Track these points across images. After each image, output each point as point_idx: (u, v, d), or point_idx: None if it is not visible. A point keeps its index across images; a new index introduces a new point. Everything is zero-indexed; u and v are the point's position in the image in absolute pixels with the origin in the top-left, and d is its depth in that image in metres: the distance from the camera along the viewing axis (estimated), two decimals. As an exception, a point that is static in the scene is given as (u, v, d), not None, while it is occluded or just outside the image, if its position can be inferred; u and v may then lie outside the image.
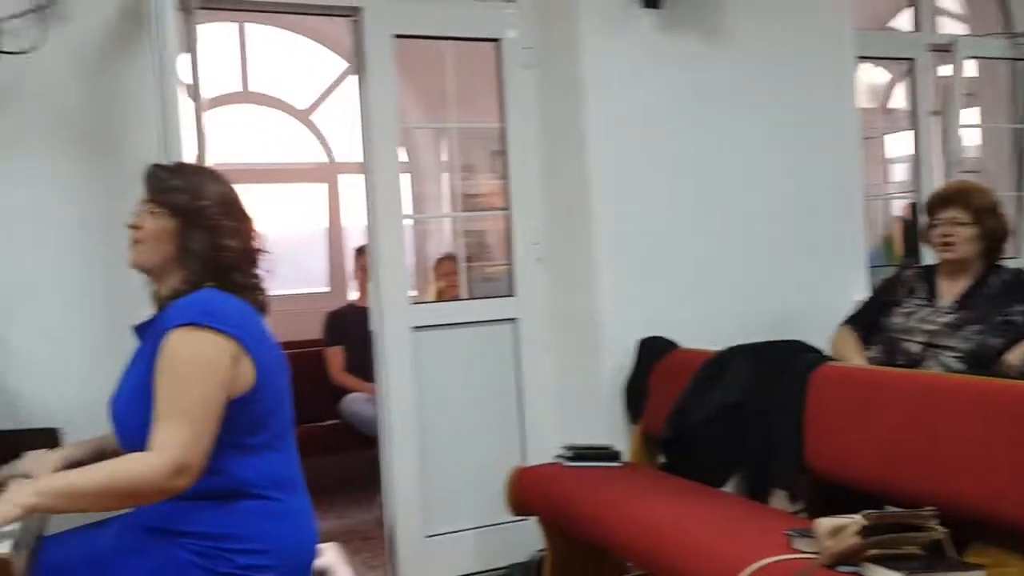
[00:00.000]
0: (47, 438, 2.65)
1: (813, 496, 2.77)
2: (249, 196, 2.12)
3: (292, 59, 6.18)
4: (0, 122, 2.85)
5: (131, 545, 1.82)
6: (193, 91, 3.07)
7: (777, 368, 2.90)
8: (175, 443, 1.73)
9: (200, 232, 1.94)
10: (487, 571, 3.55)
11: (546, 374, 3.69)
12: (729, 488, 3.00)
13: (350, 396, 4.66)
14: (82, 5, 2.92)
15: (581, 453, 3.20)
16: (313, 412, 4.29)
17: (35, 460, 2.13)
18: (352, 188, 6.24)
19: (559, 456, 3.24)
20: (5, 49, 2.79)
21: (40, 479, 1.82)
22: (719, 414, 2.94)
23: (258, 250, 2.04)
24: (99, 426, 2.15)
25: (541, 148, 3.70)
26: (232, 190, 2.07)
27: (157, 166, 2.07)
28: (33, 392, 2.85)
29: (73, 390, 2.85)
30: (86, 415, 2.72)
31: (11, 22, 2.81)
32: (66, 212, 2.93)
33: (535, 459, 3.49)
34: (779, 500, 2.83)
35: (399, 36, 3.46)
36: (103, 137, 2.98)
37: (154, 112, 2.70)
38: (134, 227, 1.98)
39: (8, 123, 2.87)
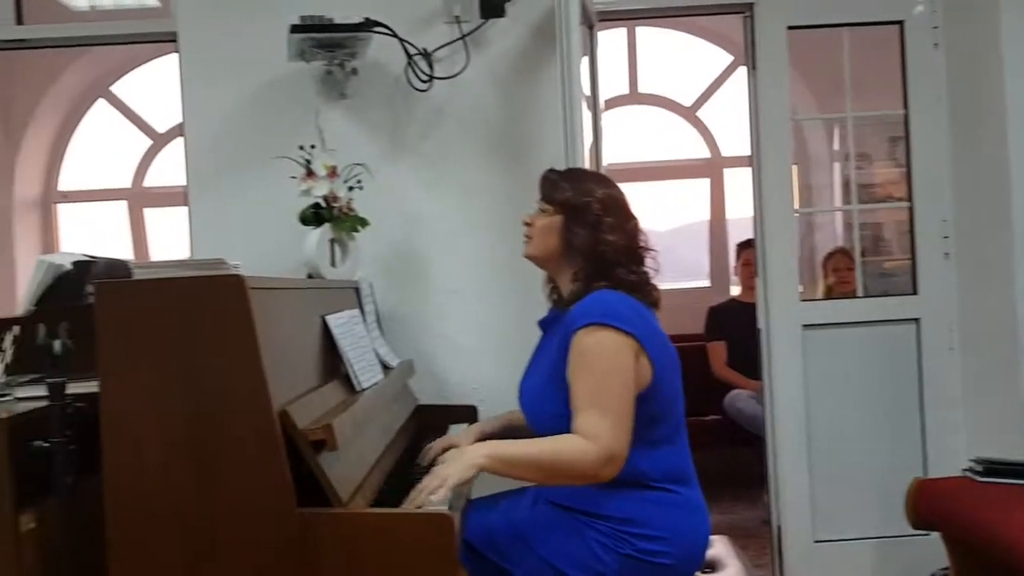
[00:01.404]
0: (468, 413, 3.04)
1: None
2: (635, 194, 2.23)
3: (679, 57, 6.31)
4: (435, 138, 3.31)
5: (547, 519, 2.02)
6: (592, 99, 3.28)
7: None
8: (605, 434, 1.88)
9: (582, 227, 2.08)
10: (882, 584, 3.38)
11: (953, 379, 3.41)
12: None
13: (734, 393, 4.66)
14: (498, 30, 3.27)
15: (995, 468, 2.91)
16: (695, 406, 4.34)
17: (453, 437, 2.42)
18: (737, 182, 6.21)
19: (968, 469, 2.97)
20: (438, 75, 3.23)
21: (489, 444, 2.07)
22: None
23: (642, 248, 2.14)
24: (510, 404, 2.41)
25: (949, 134, 3.41)
26: (617, 191, 2.20)
27: (551, 170, 2.27)
28: (458, 374, 3.25)
29: (488, 373, 3.21)
30: (497, 394, 3.08)
31: (442, 51, 3.24)
32: (486, 216, 3.29)
33: (938, 471, 3.25)
34: None
35: (793, 27, 3.39)
36: (515, 146, 3.30)
37: (559, 120, 2.94)
38: (527, 223, 2.21)
39: (441, 139, 3.31)
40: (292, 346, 1.99)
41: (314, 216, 2.92)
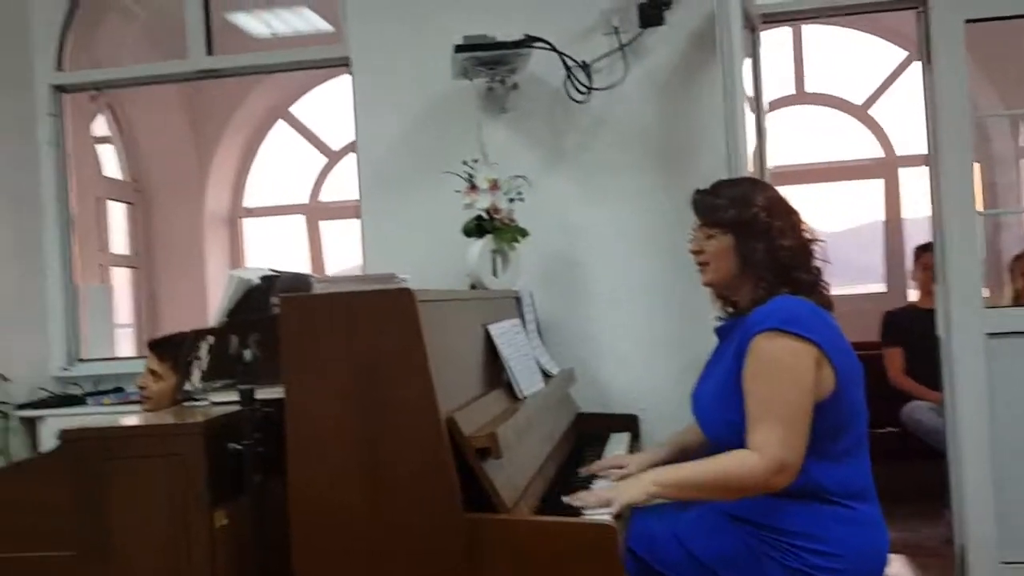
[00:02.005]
0: (628, 422, 3.05)
1: None
2: (805, 196, 2.16)
3: (848, 55, 6.06)
4: (594, 149, 3.35)
5: (712, 526, 2.00)
6: (755, 101, 3.22)
7: None
8: (774, 443, 1.86)
9: (757, 240, 2.03)
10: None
11: None
12: None
13: (912, 404, 4.41)
14: (657, 38, 3.27)
15: None
16: (871, 416, 4.16)
17: (622, 456, 2.42)
18: (913, 182, 5.90)
19: None
20: (596, 86, 3.26)
21: (658, 471, 2.08)
22: None
23: (811, 240, 2.08)
24: (670, 414, 2.40)
25: None
26: (770, 189, 2.15)
27: (700, 192, 2.18)
28: (619, 382, 3.26)
29: (650, 381, 3.20)
30: (659, 403, 3.07)
31: (600, 62, 3.27)
32: (645, 223, 3.29)
33: None
34: None
35: (971, 21, 3.20)
36: (675, 154, 3.28)
37: (720, 126, 2.90)
38: (696, 252, 2.15)
39: (600, 149, 3.34)
40: (457, 355, 2.07)
41: (477, 228, 3.01)
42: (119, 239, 5.53)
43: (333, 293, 1.87)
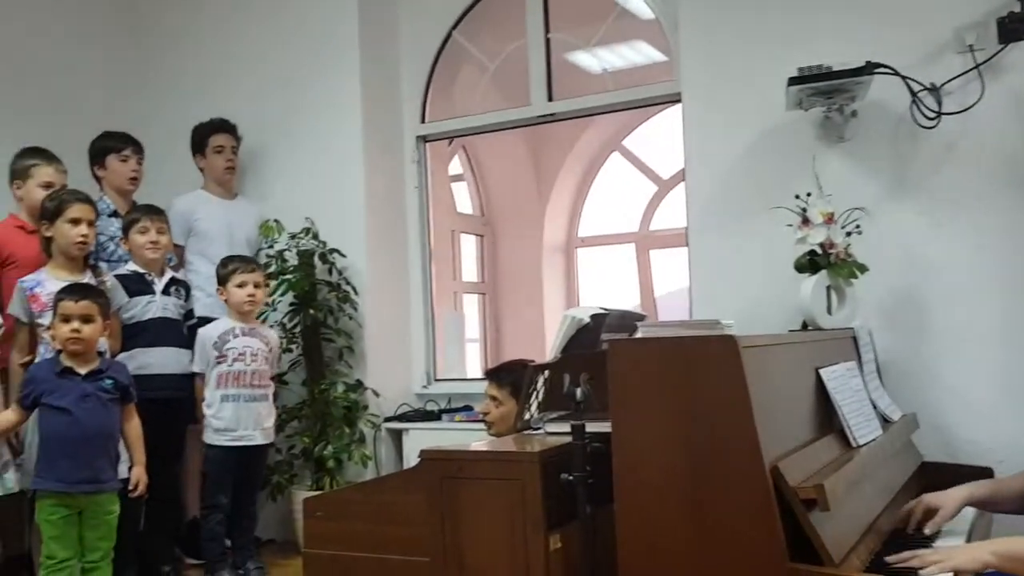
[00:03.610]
0: (981, 476, 2.77)
1: None
2: None
3: None
4: (943, 177, 3.13)
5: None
6: None
7: None
8: None
9: None
10: None
11: None
12: None
13: None
14: (1019, 54, 2.98)
15: None
16: None
17: (939, 495, 2.24)
18: None
19: None
20: (947, 110, 3.04)
21: (999, 541, 1.92)
22: None
23: None
24: (1028, 465, 2.18)
25: None
26: None
27: None
28: (968, 431, 3.00)
29: (1006, 431, 2.91)
30: (1018, 455, 2.77)
31: (952, 84, 3.05)
32: (1003, 259, 3.00)
33: None
34: None
35: None
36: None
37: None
38: None
39: (950, 177, 3.12)
40: (784, 400, 2.04)
41: (810, 263, 2.93)
42: (469, 268, 6.06)
43: (659, 338, 1.94)
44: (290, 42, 4.42)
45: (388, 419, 4.23)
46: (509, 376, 2.83)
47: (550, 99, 4.22)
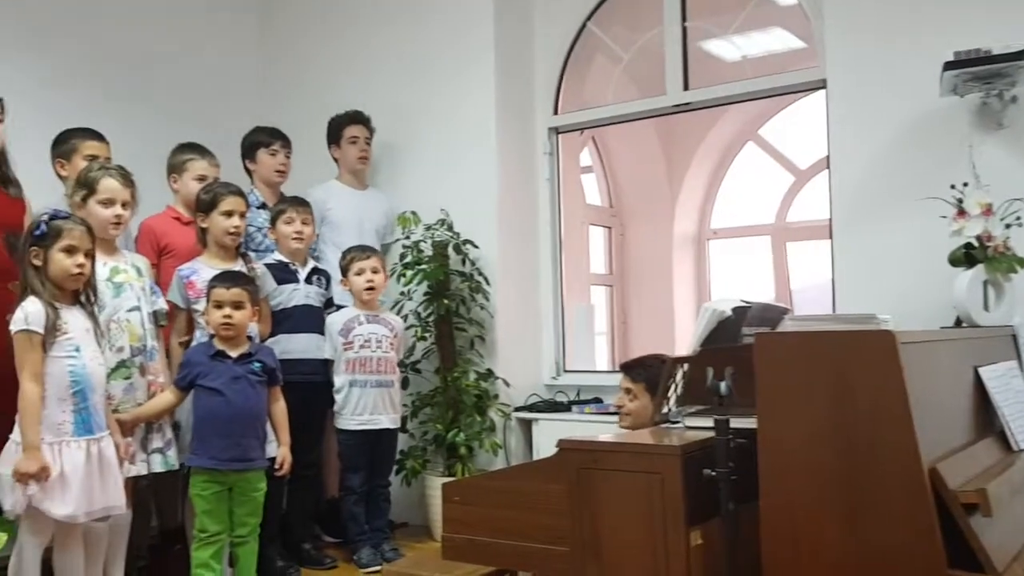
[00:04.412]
0: None
1: None
2: None
3: None
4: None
5: None
6: None
7: None
8: None
9: None
10: None
11: None
12: None
13: None
14: None
15: None
16: None
17: None
18: None
19: None
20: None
21: None
22: None
23: None
24: None
25: None
26: None
27: None
28: None
29: None
30: None
31: None
32: None
33: None
34: None
35: None
36: None
37: None
38: None
39: None
40: (941, 400, 1.95)
41: (965, 257, 2.79)
42: (596, 260, 6.04)
43: (810, 332, 1.88)
44: (424, 35, 4.51)
45: (518, 409, 4.27)
46: (645, 370, 2.80)
47: (686, 88, 4.15)
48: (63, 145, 3.44)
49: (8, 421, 2.69)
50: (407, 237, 4.21)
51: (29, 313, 2.67)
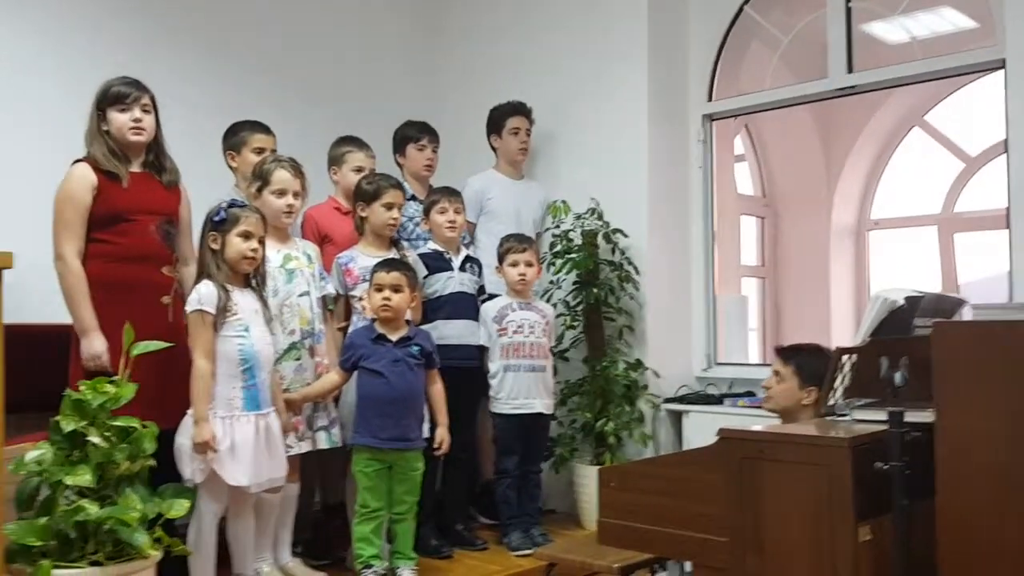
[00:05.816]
0: None
1: None
2: None
3: None
4: None
5: None
6: None
7: None
8: None
9: None
10: None
11: None
12: None
13: None
14: None
15: None
16: None
17: None
18: None
19: None
20: None
21: None
22: None
23: None
24: None
25: None
26: None
27: None
28: None
29: None
30: None
31: None
32: None
33: None
34: None
35: None
36: None
37: None
38: None
39: None
40: None
41: None
42: (749, 251, 5.89)
43: (992, 321, 1.77)
44: (580, 24, 4.51)
45: (668, 400, 4.22)
46: (798, 354, 2.72)
47: (850, 71, 3.98)
48: (233, 137, 3.63)
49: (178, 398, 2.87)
50: (557, 226, 4.24)
51: (202, 295, 2.86)
